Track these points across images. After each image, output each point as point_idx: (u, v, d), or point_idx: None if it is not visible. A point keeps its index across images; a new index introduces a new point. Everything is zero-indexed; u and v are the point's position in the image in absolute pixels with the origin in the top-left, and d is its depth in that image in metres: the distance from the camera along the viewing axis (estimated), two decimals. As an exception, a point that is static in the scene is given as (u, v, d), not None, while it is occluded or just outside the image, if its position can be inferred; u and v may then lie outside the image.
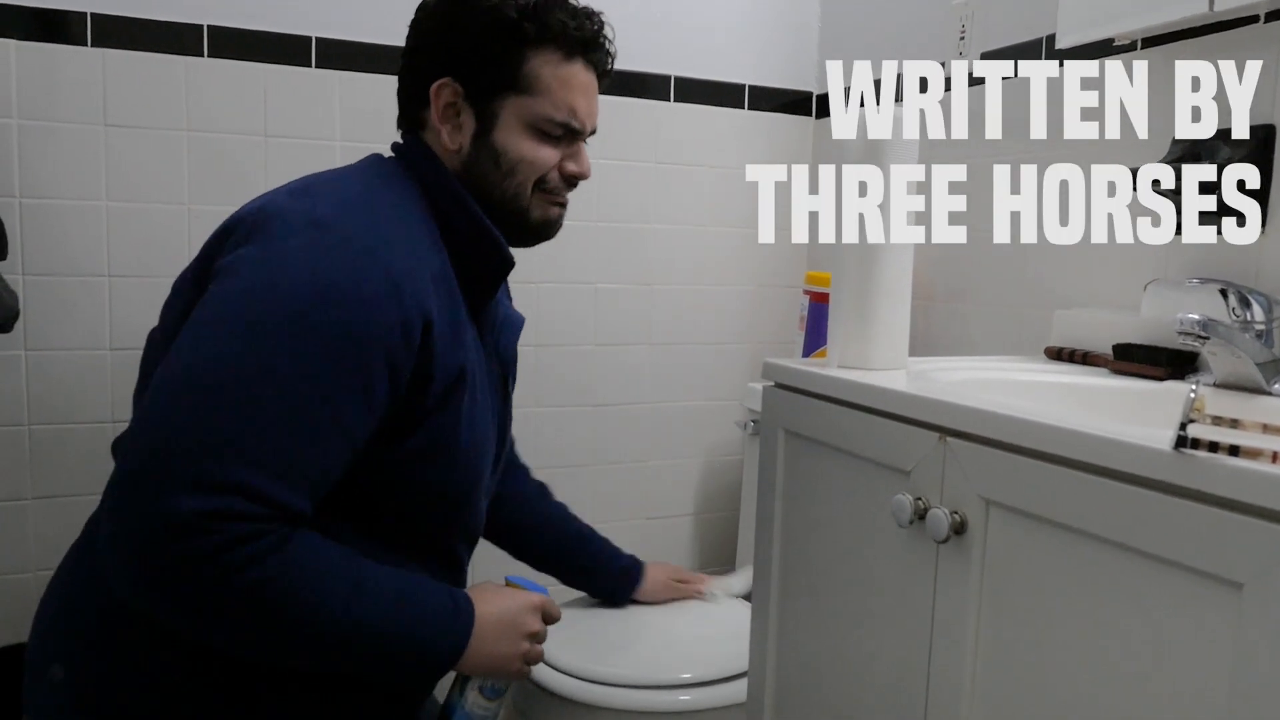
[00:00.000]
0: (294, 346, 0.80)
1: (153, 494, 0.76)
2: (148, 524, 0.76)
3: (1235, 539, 0.58)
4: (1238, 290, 0.96)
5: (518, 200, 1.01)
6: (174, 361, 0.82)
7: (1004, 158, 1.40)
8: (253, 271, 0.83)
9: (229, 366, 0.80)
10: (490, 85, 0.98)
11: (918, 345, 1.51)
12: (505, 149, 0.99)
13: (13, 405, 1.42)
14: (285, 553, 0.80)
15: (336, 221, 0.86)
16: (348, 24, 1.54)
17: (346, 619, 0.83)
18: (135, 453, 0.79)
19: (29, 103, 1.39)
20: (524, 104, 0.98)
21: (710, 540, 1.91)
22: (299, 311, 0.81)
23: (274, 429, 0.79)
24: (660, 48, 1.74)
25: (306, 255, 0.83)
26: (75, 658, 0.89)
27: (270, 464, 0.79)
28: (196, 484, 0.76)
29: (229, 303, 0.83)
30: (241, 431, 0.78)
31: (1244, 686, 0.58)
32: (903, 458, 0.85)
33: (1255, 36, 1.04)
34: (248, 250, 0.85)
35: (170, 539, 0.76)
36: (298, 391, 0.80)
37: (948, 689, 0.80)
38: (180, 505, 0.75)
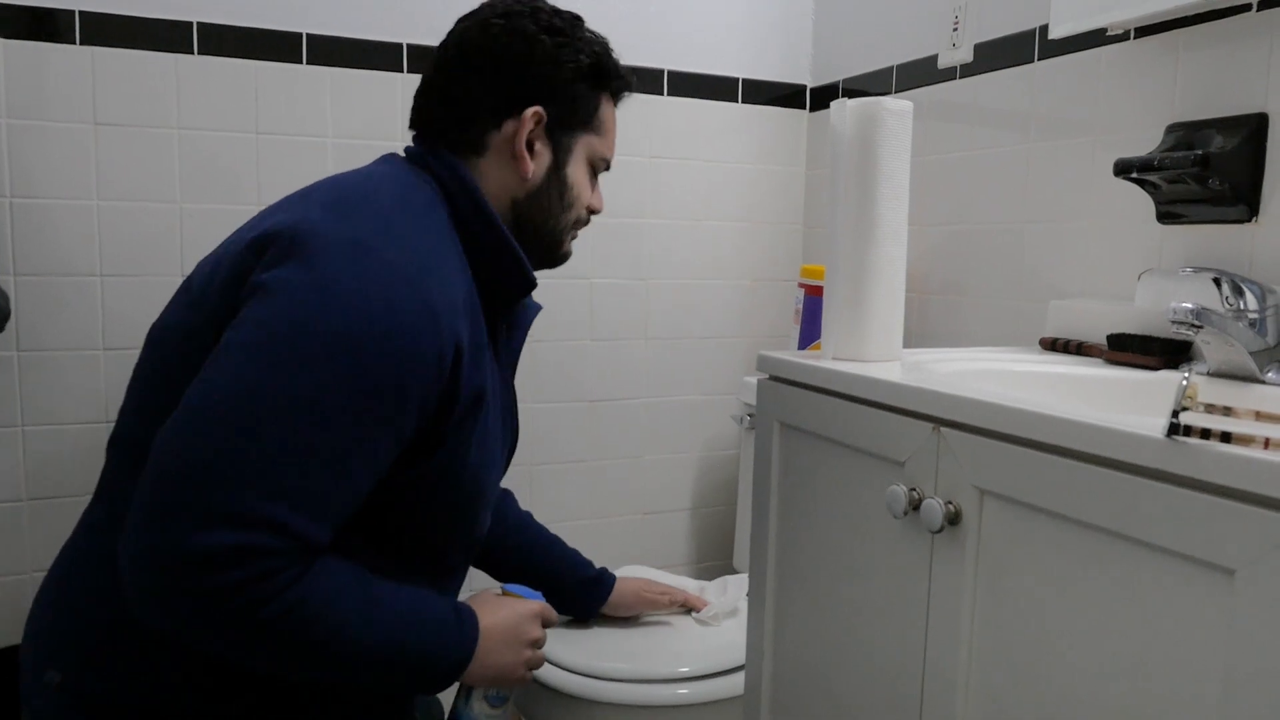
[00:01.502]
0: (336, 382, 0.79)
1: (185, 526, 0.76)
2: (178, 555, 0.76)
3: (1228, 526, 0.58)
4: (1231, 279, 0.96)
5: (563, 234, 1.05)
6: (210, 385, 0.80)
7: (998, 148, 1.40)
8: (295, 297, 0.80)
9: (268, 398, 0.78)
10: (572, 122, 1.01)
11: (912, 337, 1.51)
12: (572, 183, 1.03)
13: (6, 406, 1.42)
14: (306, 583, 0.80)
15: (377, 245, 0.84)
16: (339, 20, 1.53)
17: (361, 640, 0.84)
18: (161, 480, 0.78)
19: (18, 101, 1.38)
20: (593, 143, 1.04)
21: (707, 535, 1.91)
22: (342, 345, 0.79)
23: (310, 465, 0.79)
24: (654, 42, 1.74)
25: (349, 284, 0.81)
26: (71, 662, 0.88)
27: (304, 501, 0.79)
28: (229, 519, 0.76)
29: (270, 328, 0.80)
30: (278, 467, 0.77)
31: (1237, 672, 0.58)
32: (897, 449, 0.85)
33: (1248, 25, 1.04)
34: (287, 272, 0.82)
35: (200, 572, 0.75)
36: (336, 428, 0.79)
37: (943, 678, 0.80)
38: (212, 540, 0.75)
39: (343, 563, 0.84)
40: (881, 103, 0.94)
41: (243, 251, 0.87)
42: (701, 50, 1.78)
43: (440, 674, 0.91)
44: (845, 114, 0.95)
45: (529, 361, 1.69)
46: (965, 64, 1.46)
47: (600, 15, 1.68)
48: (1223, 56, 1.07)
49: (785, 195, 1.89)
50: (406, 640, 0.87)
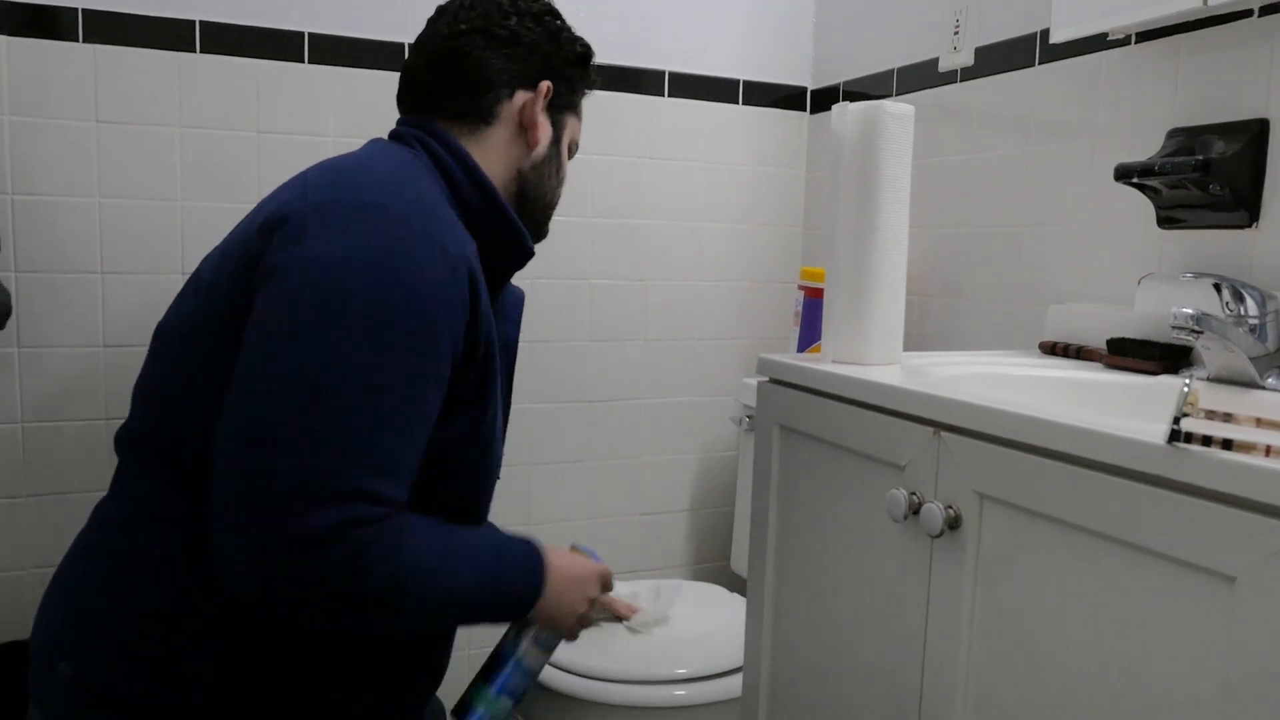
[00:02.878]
0: (376, 345, 0.81)
1: (283, 513, 0.78)
2: (285, 543, 0.78)
3: (1228, 533, 0.58)
4: (1231, 284, 0.96)
5: (551, 208, 1.09)
6: (257, 374, 0.81)
7: (998, 152, 1.40)
8: (317, 272, 0.82)
9: (319, 376, 0.80)
10: (566, 102, 1.07)
11: (912, 340, 1.51)
12: (563, 161, 1.08)
13: (6, 403, 1.42)
14: (403, 544, 0.83)
15: (386, 204, 0.85)
16: (341, 19, 1.53)
17: (451, 589, 0.88)
18: (242, 471, 0.79)
19: (20, 99, 1.38)
20: (575, 128, 1.10)
21: (705, 536, 1.91)
22: (373, 309, 0.81)
23: (376, 430, 0.81)
24: (655, 43, 1.74)
25: (366, 246, 0.83)
26: (83, 655, 0.88)
27: (380, 464, 0.81)
28: (322, 498, 0.78)
29: (298, 306, 0.81)
30: (349, 437, 0.80)
31: (1236, 679, 0.58)
32: (897, 452, 0.85)
33: (1249, 30, 1.05)
34: (306, 249, 0.83)
35: (310, 555, 0.78)
36: (388, 389, 0.82)
37: (942, 682, 0.80)
38: (313, 523, 0.77)
39: (419, 517, 0.87)
40: (883, 106, 0.95)
41: (252, 238, 0.87)
42: (702, 52, 1.78)
43: (515, 605, 0.97)
44: (846, 117, 0.96)
45: (528, 362, 1.69)
46: (966, 67, 1.46)
47: (602, 16, 1.69)
48: (1224, 62, 1.07)
49: (785, 197, 1.89)
50: (487, 579, 0.92)
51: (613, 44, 1.71)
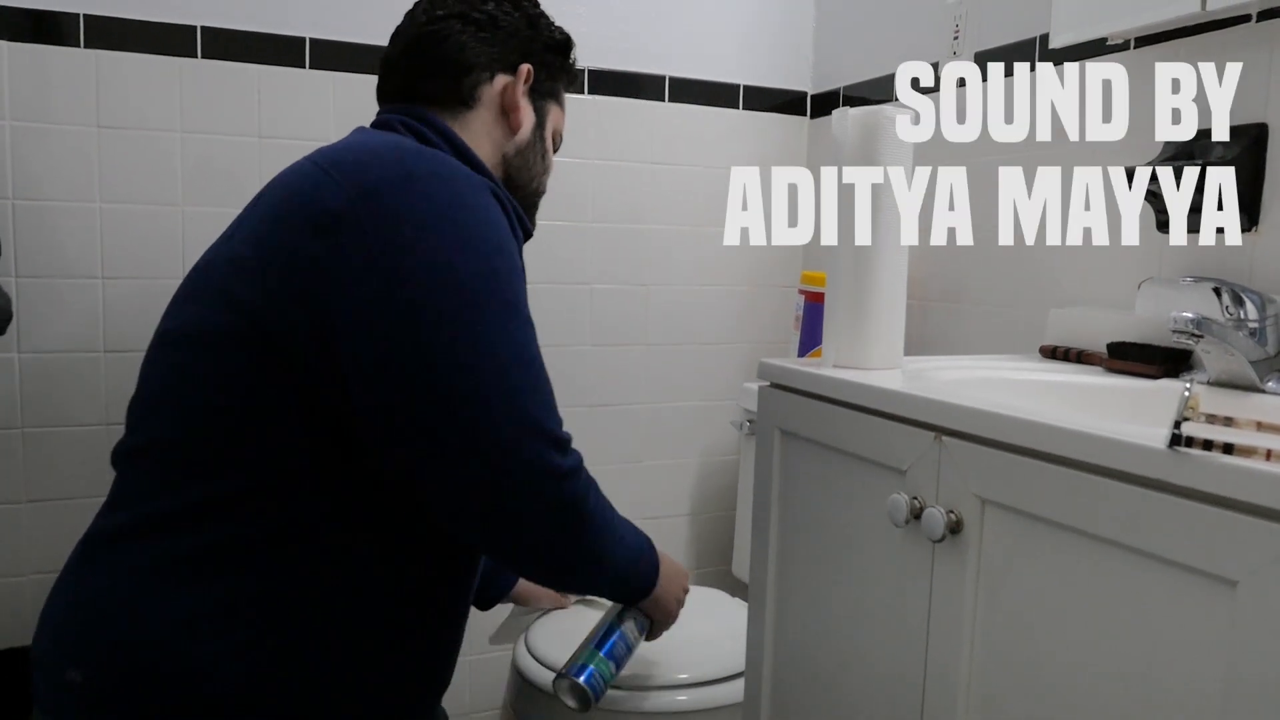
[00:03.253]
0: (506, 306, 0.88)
1: (528, 458, 0.87)
2: (539, 479, 0.88)
3: (1230, 537, 0.58)
4: (1231, 288, 0.96)
5: (538, 195, 1.11)
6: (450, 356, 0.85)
7: (999, 157, 1.40)
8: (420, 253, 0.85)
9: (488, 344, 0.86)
10: (547, 89, 1.08)
11: (913, 344, 1.51)
12: (547, 149, 1.09)
13: (6, 408, 1.42)
14: (595, 484, 0.96)
15: (420, 168, 0.88)
16: (342, 25, 1.53)
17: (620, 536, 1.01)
18: (479, 438, 0.85)
19: (21, 104, 1.38)
20: (558, 115, 1.11)
21: (706, 540, 1.91)
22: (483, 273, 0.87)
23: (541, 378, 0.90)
24: (655, 48, 1.75)
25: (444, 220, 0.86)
26: (93, 660, 0.88)
27: (553, 406, 0.91)
28: (550, 440, 0.89)
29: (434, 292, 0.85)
30: (536, 388, 0.89)
31: (1239, 684, 0.58)
32: (898, 457, 0.85)
33: (1248, 36, 1.05)
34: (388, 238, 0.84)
35: (554, 484, 0.89)
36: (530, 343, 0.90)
37: (944, 688, 0.80)
38: (553, 459, 0.88)
39: None
40: (883, 111, 0.95)
41: (301, 242, 0.86)
42: (703, 57, 1.79)
43: (640, 583, 1.07)
44: (847, 122, 0.96)
45: (529, 366, 1.69)
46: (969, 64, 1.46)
47: (601, 21, 1.69)
48: (1223, 67, 1.07)
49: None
50: (632, 543, 1.03)
51: (613, 49, 1.71)
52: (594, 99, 1.70)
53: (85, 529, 0.96)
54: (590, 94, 1.70)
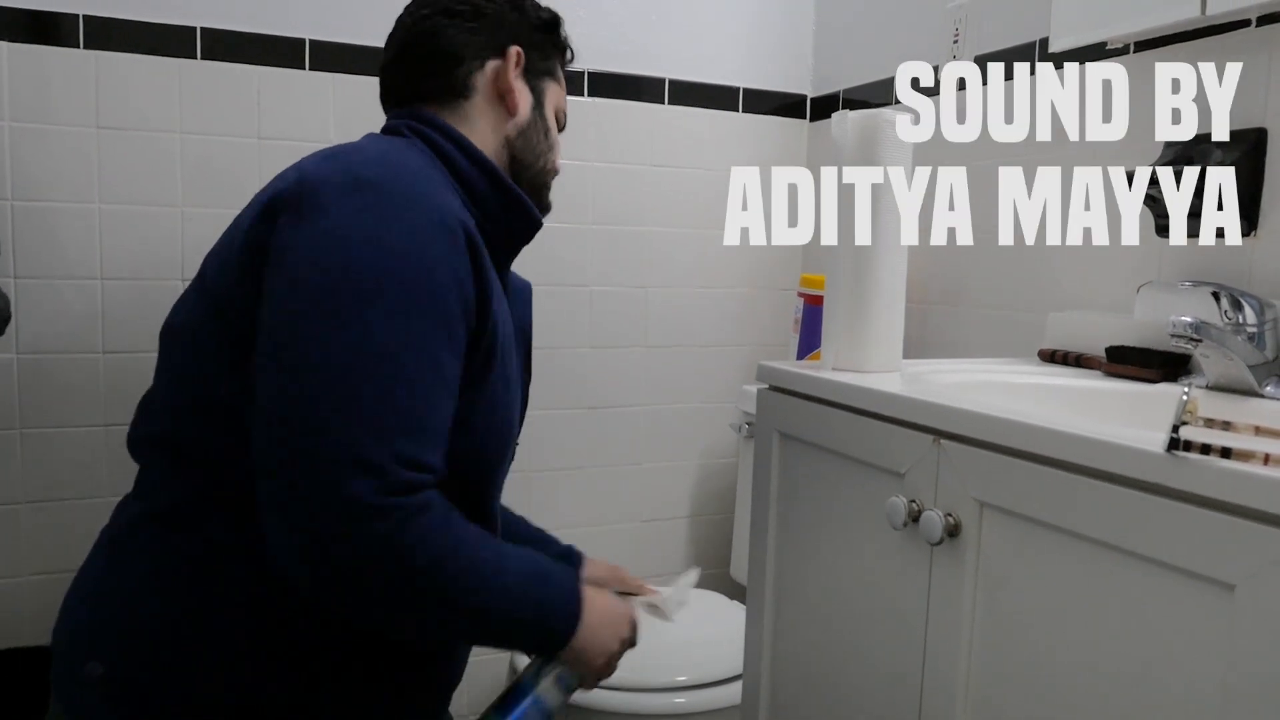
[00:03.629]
0: (390, 314, 0.82)
1: (324, 484, 0.78)
2: (333, 516, 0.78)
3: (1227, 541, 0.58)
4: (1230, 293, 0.96)
5: (547, 175, 1.08)
6: (279, 357, 0.82)
7: (998, 160, 1.40)
8: (319, 249, 0.84)
9: (343, 349, 0.81)
10: (544, 68, 1.07)
11: (912, 348, 1.52)
12: (550, 126, 1.08)
13: (4, 409, 1.42)
14: (453, 520, 0.84)
15: (379, 178, 0.87)
16: (342, 26, 1.53)
17: (497, 585, 0.87)
18: (286, 453, 0.80)
19: (21, 105, 1.38)
20: (557, 92, 1.09)
21: (705, 542, 1.91)
22: (377, 277, 0.82)
23: (404, 397, 0.82)
24: (655, 51, 1.75)
25: (363, 220, 0.84)
26: (116, 654, 0.88)
27: (412, 431, 0.82)
28: (362, 466, 0.78)
29: (312, 286, 0.83)
30: (380, 406, 0.80)
31: (1236, 687, 0.58)
32: (897, 460, 0.85)
33: (1247, 40, 1.05)
34: (305, 228, 0.85)
35: (355, 523, 0.78)
36: (408, 356, 0.82)
37: (942, 690, 0.80)
38: (357, 490, 0.78)
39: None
40: (882, 114, 0.95)
41: (253, 225, 0.89)
42: (702, 60, 1.79)
43: (551, 632, 0.93)
44: (847, 125, 0.96)
45: (528, 368, 1.70)
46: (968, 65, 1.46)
47: (602, 24, 1.69)
48: (1222, 71, 1.07)
49: (785, 204, 1.89)
50: (527, 590, 0.90)
51: (613, 52, 1.71)
52: (594, 101, 1.70)
53: (84, 529, 0.96)
54: (590, 96, 1.70)
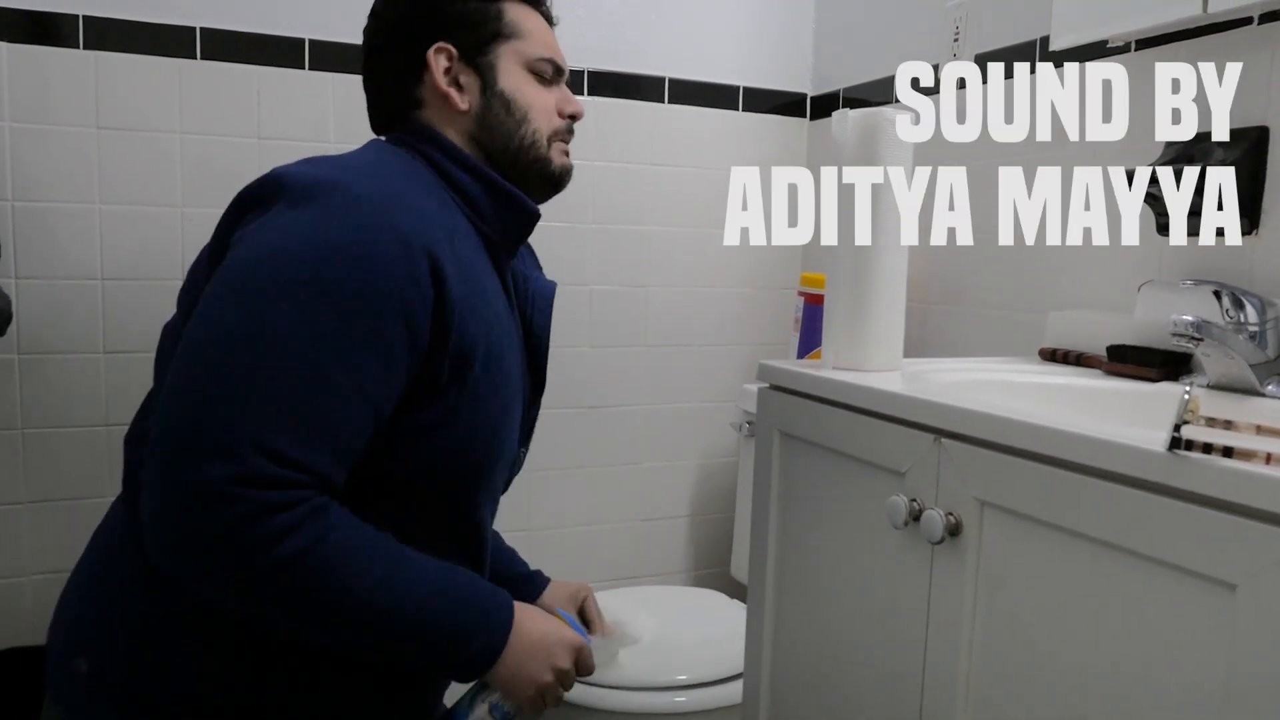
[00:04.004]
0: (304, 308, 0.80)
1: (181, 466, 0.77)
2: (181, 497, 0.77)
3: (1229, 540, 0.58)
4: (1231, 292, 0.96)
5: (537, 147, 1.02)
6: (189, 335, 0.83)
7: (999, 159, 1.40)
8: (262, 239, 0.84)
9: (237, 332, 0.80)
10: (482, 38, 1.00)
11: (912, 347, 1.51)
12: (514, 95, 1.01)
13: (6, 409, 1.42)
14: (320, 525, 0.80)
15: (342, 181, 0.86)
16: (342, 26, 1.53)
17: (383, 603, 0.82)
18: (160, 429, 0.80)
19: (21, 105, 1.38)
20: (517, 48, 1.01)
21: (705, 542, 1.91)
22: (307, 274, 0.81)
23: (291, 391, 0.79)
24: (655, 50, 1.74)
25: (313, 217, 0.83)
26: (101, 650, 0.89)
27: (291, 426, 0.79)
28: (220, 451, 0.76)
29: (237, 270, 0.83)
30: (258, 395, 0.78)
31: (1238, 687, 0.58)
32: (898, 459, 0.85)
33: (1249, 38, 1.05)
34: (259, 220, 0.85)
35: (204, 509, 0.76)
36: (310, 351, 0.80)
37: (943, 690, 0.80)
38: (209, 474, 0.76)
39: (371, 526, 0.85)
40: (883, 113, 0.95)
41: (223, 220, 0.90)
42: (702, 58, 1.79)
43: (467, 658, 0.89)
44: (847, 124, 0.96)
45: (529, 368, 1.69)
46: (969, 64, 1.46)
47: (601, 23, 1.69)
48: (1223, 70, 1.07)
49: (786, 203, 1.89)
50: (433, 610, 0.85)
51: (613, 51, 1.71)
52: (594, 100, 1.70)
53: (86, 529, 0.97)
54: (590, 95, 1.70)
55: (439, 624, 0.86)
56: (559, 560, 1.77)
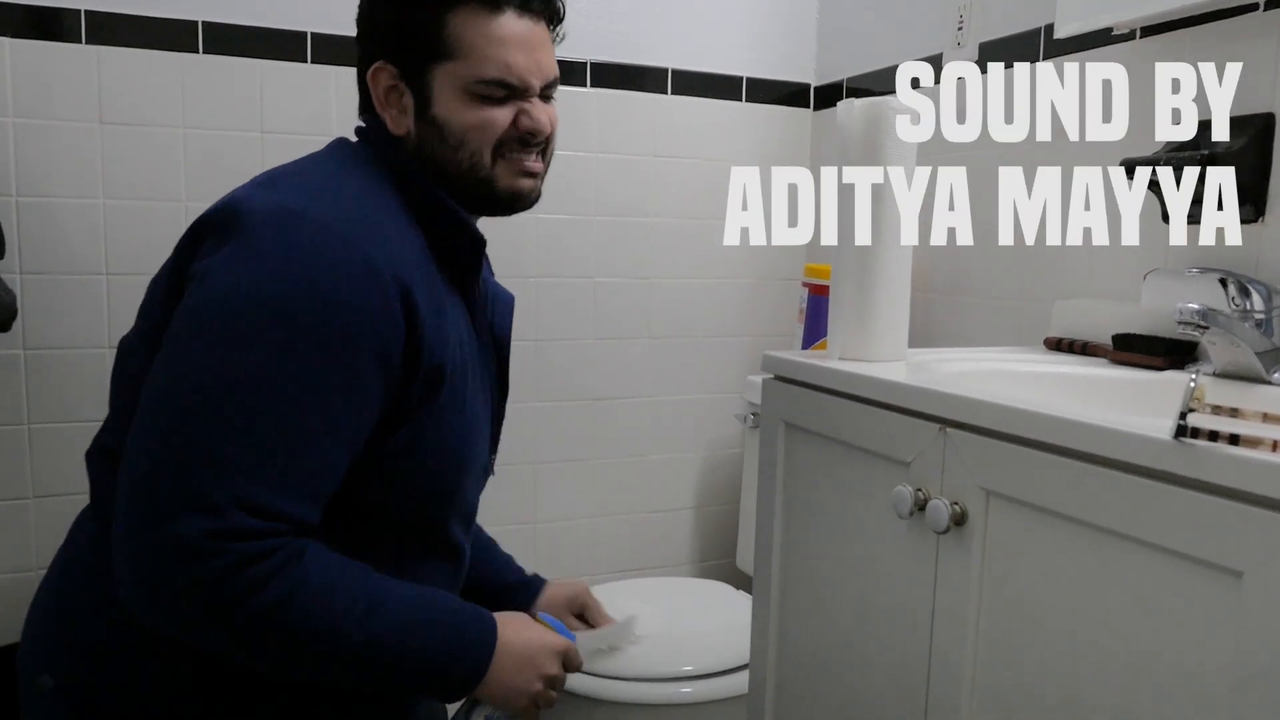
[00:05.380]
0: (276, 350, 0.78)
1: (156, 519, 0.75)
2: (156, 550, 0.75)
3: (1235, 528, 0.58)
4: (1237, 279, 0.96)
5: (476, 171, 0.95)
6: (156, 378, 0.80)
7: (1004, 149, 1.39)
8: (226, 274, 0.80)
9: (211, 378, 0.77)
10: (418, 58, 0.92)
11: (917, 337, 1.51)
12: (447, 120, 0.93)
13: (11, 404, 1.42)
14: (296, 571, 0.78)
15: (307, 211, 0.83)
16: (344, 19, 1.51)
17: (361, 638, 0.81)
18: (131, 478, 0.78)
19: (24, 100, 1.38)
20: (452, 70, 0.92)
21: (710, 534, 1.91)
22: (274, 311, 0.78)
23: (266, 438, 0.77)
24: (658, 40, 1.74)
25: (278, 250, 0.80)
26: (66, 667, 0.88)
27: (267, 475, 0.77)
28: (197, 505, 0.75)
29: (205, 311, 0.80)
30: (232, 444, 0.76)
31: (1244, 674, 0.58)
32: (903, 449, 0.85)
33: (1255, 25, 1.04)
34: (221, 253, 0.81)
35: (180, 563, 0.75)
36: (285, 397, 0.78)
37: (948, 679, 0.80)
38: (185, 528, 0.74)
39: (343, 558, 0.83)
40: (888, 102, 0.94)
41: (180, 245, 0.87)
42: (705, 49, 1.78)
43: (454, 681, 0.89)
44: (852, 114, 0.95)
45: (533, 360, 1.69)
46: (970, 62, 1.46)
47: (604, 14, 1.69)
48: (1230, 56, 1.06)
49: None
50: (415, 640, 0.84)
51: (616, 42, 1.71)
52: (596, 92, 1.70)
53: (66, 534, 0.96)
54: (592, 87, 1.69)
55: (422, 653, 0.85)
56: (564, 553, 1.77)
